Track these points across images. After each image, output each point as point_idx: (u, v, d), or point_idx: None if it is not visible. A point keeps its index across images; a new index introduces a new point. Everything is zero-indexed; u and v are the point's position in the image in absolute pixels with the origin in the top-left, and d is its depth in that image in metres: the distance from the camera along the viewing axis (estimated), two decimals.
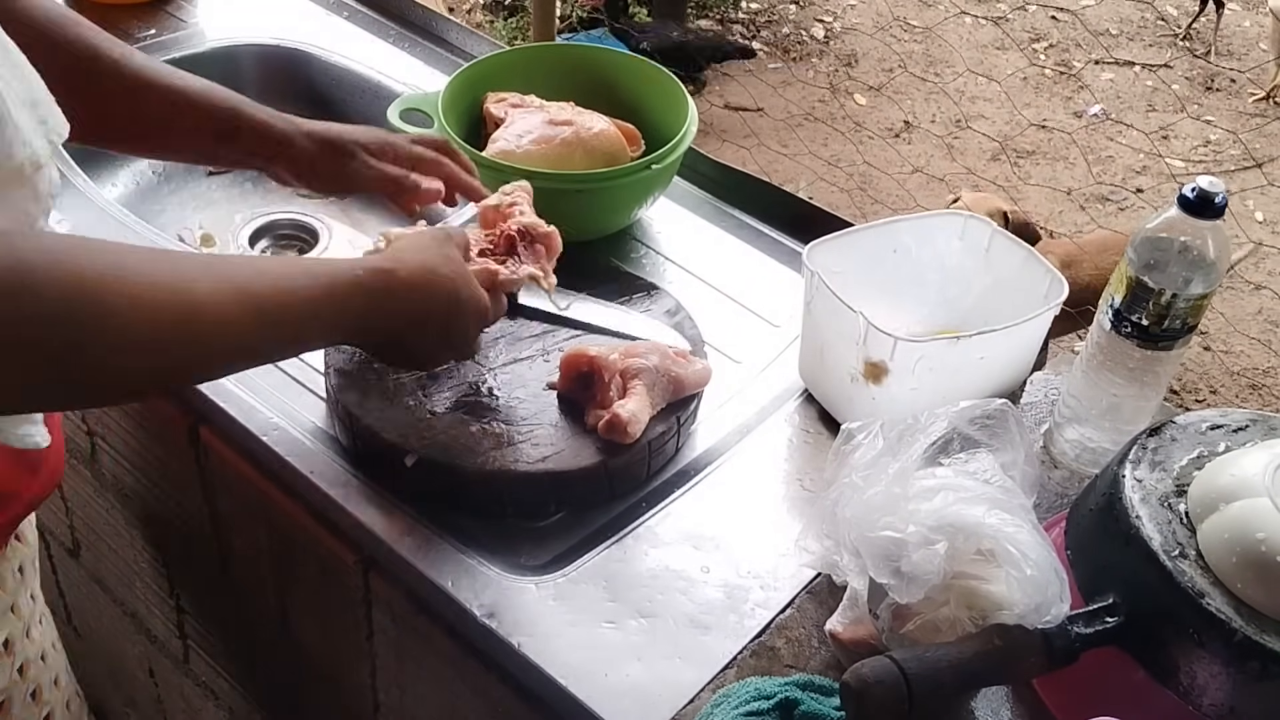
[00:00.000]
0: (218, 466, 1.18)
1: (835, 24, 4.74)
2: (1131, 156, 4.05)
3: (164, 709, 1.74)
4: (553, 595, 0.98)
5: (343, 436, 1.09)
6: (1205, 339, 3.29)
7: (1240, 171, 3.92)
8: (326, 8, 1.79)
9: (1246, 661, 0.78)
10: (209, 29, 1.72)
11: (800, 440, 1.15)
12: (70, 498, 1.56)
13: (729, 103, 4.15)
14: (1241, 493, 0.83)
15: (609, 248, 1.35)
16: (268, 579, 1.22)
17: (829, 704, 0.88)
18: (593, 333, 1.18)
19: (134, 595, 1.57)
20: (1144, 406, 1.06)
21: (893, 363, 1.05)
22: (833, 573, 0.95)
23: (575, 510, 1.06)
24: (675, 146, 1.30)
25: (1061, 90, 4.44)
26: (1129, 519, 0.85)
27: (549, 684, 0.92)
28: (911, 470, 0.87)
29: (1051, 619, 0.82)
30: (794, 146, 3.82)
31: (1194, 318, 0.99)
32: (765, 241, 1.38)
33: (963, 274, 1.20)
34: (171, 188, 1.63)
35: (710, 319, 1.23)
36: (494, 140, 1.31)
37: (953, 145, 3.95)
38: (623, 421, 1.03)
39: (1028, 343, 1.13)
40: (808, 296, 1.13)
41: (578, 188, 1.28)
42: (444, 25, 1.75)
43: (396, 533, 1.02)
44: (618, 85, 1.44)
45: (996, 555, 0.82)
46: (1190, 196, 0.95)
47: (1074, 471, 1.11)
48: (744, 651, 0.95)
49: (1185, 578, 0.81)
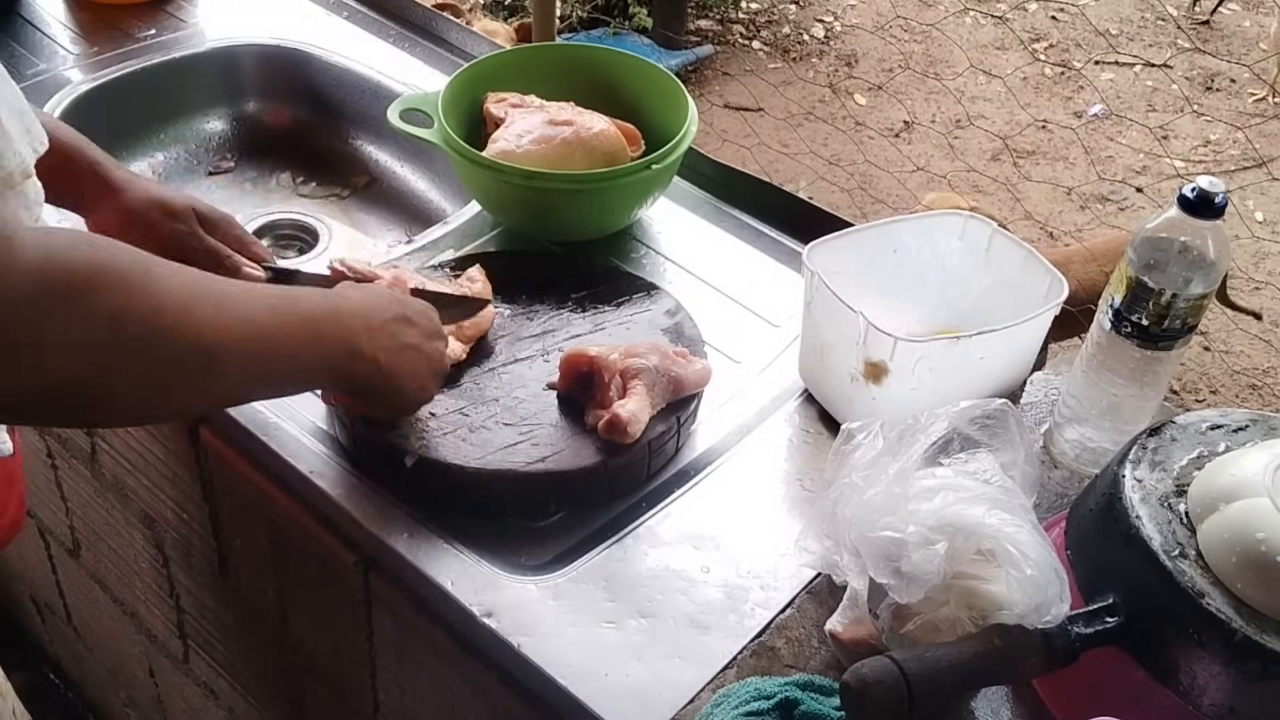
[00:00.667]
0: (218, 466, 1.18)
1: (835, 24, 4.74)
2: (1132, 156, 4.05)
3: (164, 709, 1.74)
4: (553, 595, 0.98)
5: (343, 436, 1.09)
6: (1205, 339, 3.29)
7: (1240, 171, 3.92)
8: (326, 8, 1.79)
9: (1246, 661, 0.78)
10: (209, 29, 1.72)
11: (800, 440, 1.15)
12: (70, 498, 1.57)
13: (729, 103, 4.15)
14: (1241, 493, 0.83)
15: (609, 248, 1.35)
16: (268, 579, 1.22)
17: (829, 704, 0.88)
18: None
19: (134, 595, 1.57)
20: (1144, 406, 1.06)
21: (893, 363, 1.05)
22: (833, 573, 0.95)
23: (575, 510, 1.06)
24: (675, 146, 1.30)
25: (1062, 90, 4.44)
26: (1129, 519, 0.85)
27: (549, 684, 0.92)
28: (911, 470, 0.87)
29: (1051, 619, 0.82)
30: (794, 146, 3.82)
31: (1194, 318, 0.99)
32: (765, 241, 1.38)
33: (963, 274, 1.20)
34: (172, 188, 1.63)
35: (710, 319, 1.23)
36: (494, 140, 1.31)
37: (953, 145, 3.95)
38: (623, 421, 1.03)
39: (1028, 343, 1.13)
40: (808, 296, 1.13)
41: (578, 188, 1.28)
42: (444, 25, 1.75)
43: (396, 533, 1.02)
44: (618, 85, 1.44)
45: (996, 555, 0.82)
46: (1190, 196, 0.95)
47: (1074, 471, 1.10)
48: (744, 651, 0.95)
49: (1185, 578, 0.81)
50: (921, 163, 3.78)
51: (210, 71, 1.69)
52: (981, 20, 4.76)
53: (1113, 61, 4.62)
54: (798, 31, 4.68)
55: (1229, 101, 4.43)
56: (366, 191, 1.66)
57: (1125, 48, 4.73)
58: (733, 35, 4.62)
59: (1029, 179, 3.91)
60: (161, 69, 1.64)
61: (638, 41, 4.19)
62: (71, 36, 1.69)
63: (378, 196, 1.65)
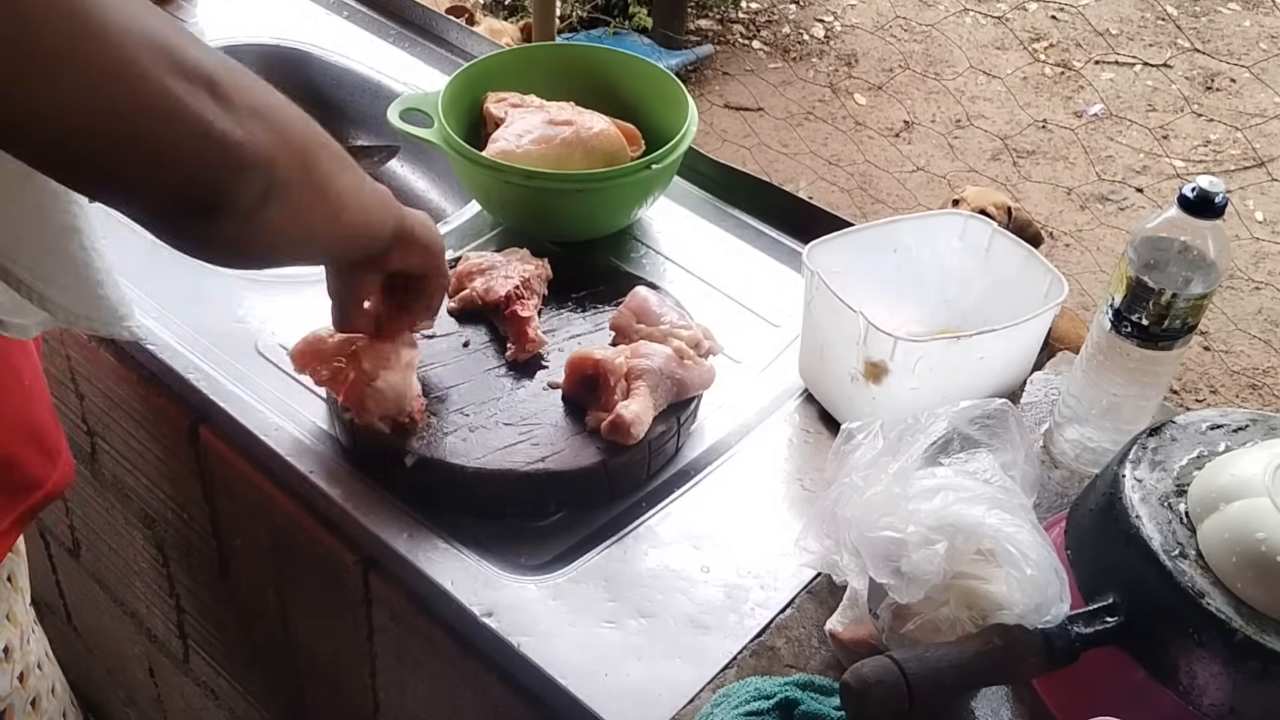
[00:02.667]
0: (218, 466, 1.18)
1: (835, 23, 4.74)
2: (1132, 156, 4.05)
3: (164, 709, 1.74)
4: (553, 595, 0.98)
5: (343, 436, 1.09)
6: (1205, 339, 3.29)
7: (1240, 171, 3.92)
8: (326, 8, 1.79)
9: (1246, 661, 0.78)
10: (209, 29, 1.72)
11: (800, 440, 1.15)
12: (70, 498, 1.56)
13: (729, 103, 4.15)
14: (1241, 493, 0.83)
15: (609, 248, 1.35)
16: (268, 579, 1.22)
17: (829, 704, 0.88)
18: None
19: (134, 595, 1.57)
20: (1144, 406, 1.06)
21: (893, 363, 1.05)
22: (833, 573, 0.95)
23: (575, 510, 1.06)
24: (675, 146, 1.30)
25: (1062, 89, 4.44)
26: (1129, 519, 0.85)
27: (549, 684, 0.92)
28: (911, 470, 0.87)
29: (1051, 619, 0.82)
30: (794, 146, 3.82)
31: (1194, 317, 0.99)
32: (765, 241, 1.38)
33: (963, 274, 1.20)
34: None
35: (710, 319, 1.23)
36: (494, 140, 1.31)
37: (953, 145, 3.95)
38: (626, 423, 1.03)
39: (1028, 343, 1.13)
40: (808, 296, 1.13)
41: (578, 188, 1.28)
42: (444, 25, 1.75)
43: (396, 533, 1.02)
44: (618, 85, 1.44)
45: (996, 555, 0.82)
46: (1190, 196, 0.95)
47: (1074, 471, 1.10)
48: (744, 651, 0.95)
49: (1185, 578, 0.81)
50: (921, 163, 3.78)
51: None
52: (981, 20, 4.76)
53: (1113, 61, 4.62)
54: (798, 31, 4.68)
55: (1229, 101, 4.43)
56: None
57: (1125, 48, 4.73)
58: (733, 35, 4.62)
59: (1029, 179, 3.91)
60: None
61: (638, 41, 4.19)
62: None
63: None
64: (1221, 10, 4.91)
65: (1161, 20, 4.85)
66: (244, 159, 0.73)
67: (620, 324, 1.15)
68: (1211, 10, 4.93)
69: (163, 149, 0.70)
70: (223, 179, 0.73)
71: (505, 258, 1.22)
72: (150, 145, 0.69)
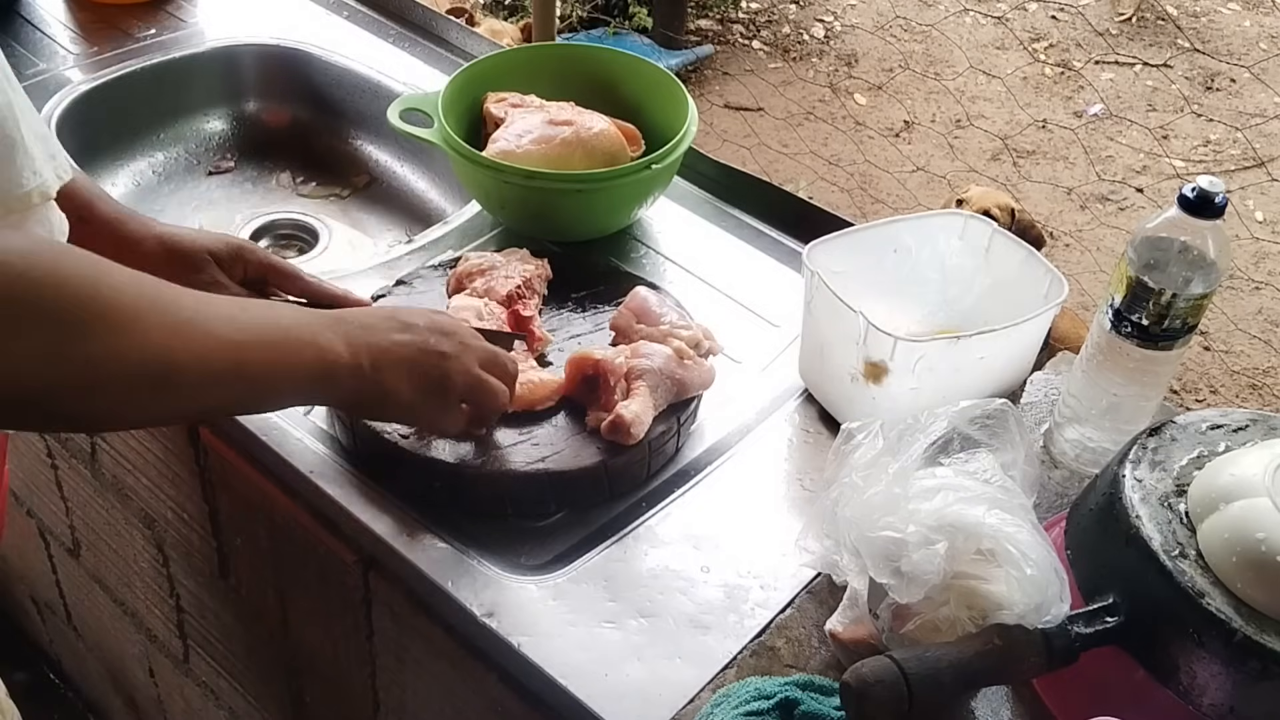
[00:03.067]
0: (218, 466, 1.18)
1: (835, 23, 4.74)
2: (1132, 156, 4.05)
3: (164, 709, 1.74)
4: (553, 595, 0.98)
5: (343, 436, 1.09)
6: (1205, 339, 3.29)
7: (1240, 171, 3.92)
8: (326, 8, 1.79)
9: (1246, 661, 0.78)
10: (209, 29, 1.72)
11: (800, 440, 1.15)
12: (70, 498, 1.57)
13: (729, 103, 4.15)
14: (1241, 493, 0.83)
15: (609, 248, 1.35)
16: (268, 579, 1.22)
17: (829, 704, 0.88)
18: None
19: (134, 595, 1.57)
20: (1144, 406, 1.06)
21: (893, 363, 1.05)
22: (833, 573, 0.95)
23: (575, 510, 1.06)
24: (675, 146, 1.30)
25: (1062, 90, 4.44)
26: (1129, 519, 0.85)
27: (549, 684, 0.92)
28: (911, 470, 0.87)
29: (1051, 619, 0.82)
30: (794, 146, 3.82)
31: (1194, 318, 0.99)
32: (765, 241, 1.39)
33: (963, 274, 1.20)
34: (171, 187, 1.63)
35: (710, 319, 1.23)
36: (494, 140, 1.31)
37: (953, 145, 3.95)
38: (626, 423, 1.03)
39: (1028, 343, 1.13)
40: (808, 296, 1.13)
41: (578, 188, 1.28)
42: (444, 25, 1.75)
43: (396, 533, 1.02)
44: (618, 85, 1.44)
45: (996, 555, 0.82)
46: (1190, 196, 0.95)
47: (1074, 471, 1.10)
48: (744, 651, 0.95)
49: (1185, 578, 0.81)
50: (921, 163, 3.78)
51: (210, 71, 1.69)
52: (981, 20, 4.76)
53: (1113, 61, 4.62)
54: (798, 31, 4.68)
55: (1229, 101, 4.43)
56: (366, 191, 1.66)
57: (1125, 48, 4.73)
58: (733, 35, 4.62)
59: (1029, 179, 3.91)
60: (161, 69, 1.64)
61: (638, 41, 4.19)
62: (71, 36, 1.69)
63: (378, 196, 1.65)
64: (1221, 10, 4.91)
65: (1162, 20, 4.85)
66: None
67: (620, 324, 1.15)
68: (1211, 10, 4.94)
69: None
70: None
71: (505, 258, 1.22)
72: None
